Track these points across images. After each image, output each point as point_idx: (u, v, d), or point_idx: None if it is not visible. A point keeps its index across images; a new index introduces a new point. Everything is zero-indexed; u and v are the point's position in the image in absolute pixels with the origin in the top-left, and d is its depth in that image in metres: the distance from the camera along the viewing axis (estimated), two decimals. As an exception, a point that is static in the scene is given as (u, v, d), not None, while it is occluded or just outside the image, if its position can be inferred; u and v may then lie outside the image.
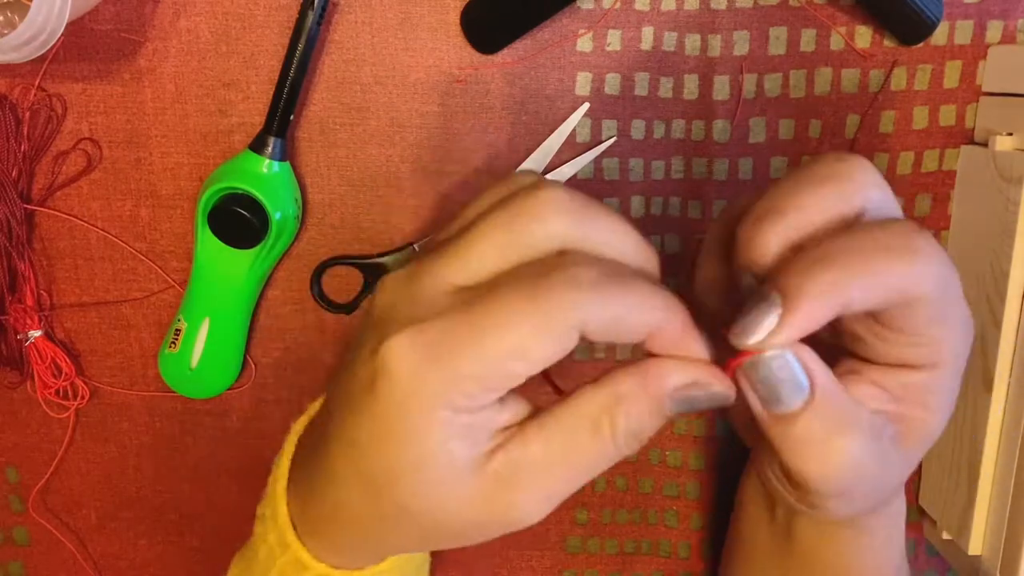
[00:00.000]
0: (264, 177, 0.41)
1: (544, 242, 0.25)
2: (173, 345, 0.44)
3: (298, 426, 0.34)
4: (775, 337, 0.24)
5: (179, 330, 0.44)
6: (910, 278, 0.24)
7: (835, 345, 0.29)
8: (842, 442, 0.26)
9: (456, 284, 0.25)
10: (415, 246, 0.44)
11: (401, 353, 0.24)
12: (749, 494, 0.39)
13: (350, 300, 0.45)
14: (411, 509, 0.26)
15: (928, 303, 0.25)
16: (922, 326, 0.26)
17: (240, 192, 0.40)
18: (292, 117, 0.41)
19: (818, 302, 0.24)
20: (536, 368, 0.24)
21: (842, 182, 0.26)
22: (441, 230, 0.28)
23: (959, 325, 0.27)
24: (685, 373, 0.25)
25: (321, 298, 0.45)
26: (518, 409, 0.26)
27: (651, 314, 0.24)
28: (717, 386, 0.25)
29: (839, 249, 0.24)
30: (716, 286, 0.30)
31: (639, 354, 0.27)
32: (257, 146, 0.41)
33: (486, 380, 0.24)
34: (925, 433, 0.28)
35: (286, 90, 0.40)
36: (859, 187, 0.26)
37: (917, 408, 0.28)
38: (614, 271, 0.24)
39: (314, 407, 0.34)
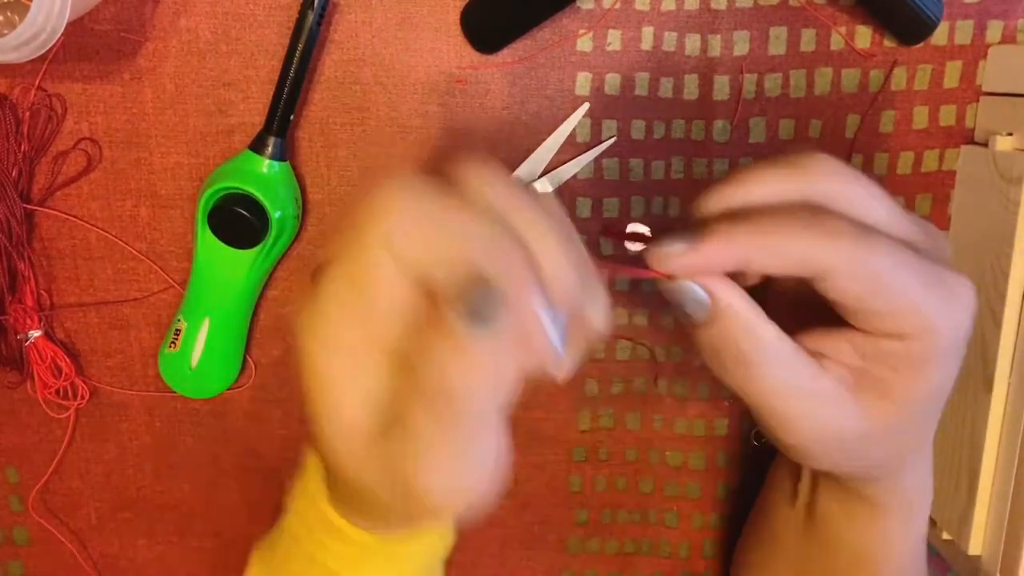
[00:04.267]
0: (264, 177, 0.41)
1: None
2: (173, 345, 0.44)
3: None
4: (673, 263, 0.28)
5: (179, 330, 0.44)
6: (812, 251, 0.27)
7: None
8: (750, 351, 0.29)
9: None
10: None
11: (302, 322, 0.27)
12: (776, 480, 0.41)
13: None
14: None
15: (847, 276, 0.27)
16: (851, 298, 0.28)
17: (240, 192, 0.40)
18: (292, 117, 0.41)
19: (716, 248, 0.28)
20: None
21: (792, 168, 0.29)
22: None
23: (923, 297, 0.28)
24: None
25: None
26: None
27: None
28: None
29: (756, 217, 0.28)
30: None
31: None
32: (257, 146, 0.41)
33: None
34: (889, 392, 0.29)
35: (286, 90, 0.40)
36: (810, 175, 0.29)
37: (884, 368, 0.29)
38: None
39: None
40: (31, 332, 0.44)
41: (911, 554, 0.36)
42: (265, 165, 0.41)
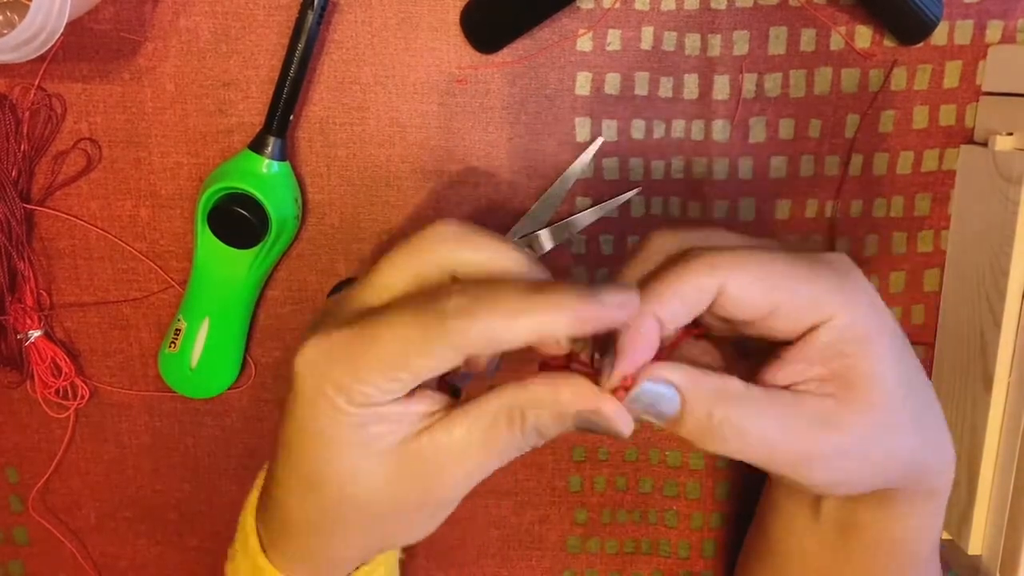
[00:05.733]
0: (264, 177, 0.41)
1: (434, 267, 0.29)
2: (173, 345, 0.44)
3: (259, 480, 0.36)
4: (616, 374, 0.28)
5: (179, 330, 0.44)
6: (699, 277, 0.28)
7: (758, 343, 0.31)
8: (727, 412, 0.29)
9: (365, 305, 0.29)
10: None
11: (307, 357, 0.28)
12: (781, 501, 0.40)
13: None
14: (343, 500, 0.29)
15: (733, 293, 0.28)
16: (752, 307, 0.29)
17: (240, 192, 0.40)
18: (292, 117, 0.41)
19: (634, 334, 0.28)
20: (420, 378, 0.28)
21: (641, 245, 0.31)
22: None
23: (816, 283, 0.29)
24: (588, 402, 0.28)
25: None
26: (435, 400, 0.29)
27: (522, 327, 0.26)
28: (615, 422, 0.28)
29: (656, 272, 0.29)
30: None
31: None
32: (257, 146, 0.41)
33: (376, 383, 0.27)
34: (859, 378, 0.29)
35: (286, 90, 0.40)
36: (651, 248, 0.31)
37: (839, 359, 0.29)
38: (489, 294, 0.27)
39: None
40: (31, 332, 0.44)
41: (934, 543, 0.36)
42: (265, 165, 0.41)
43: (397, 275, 0.30)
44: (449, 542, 0.49)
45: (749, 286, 0.28)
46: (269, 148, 0.41)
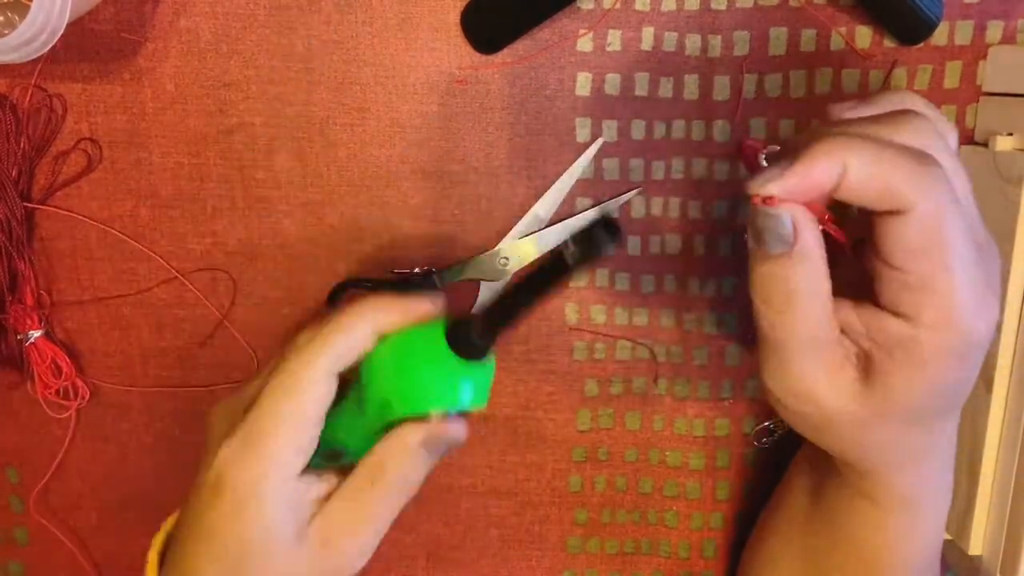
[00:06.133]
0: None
1: (357, 347, 0.33)
2: None
3: (156, 541, 0.38)
4: (771, 186, 0.27)
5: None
6: (906, 182, 0.26)
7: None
8: (807, 291, 0.28)
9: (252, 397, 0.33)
10: (434, 272, 0.44)
11: (225, 456, 0.32)
12: (792, 475, 0.41)
13: None
14: (262, 571, 0.32)
15: (917, 222, 0.26)
16: (909, 253, 0.27)
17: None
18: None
19: (815, 161, 0.27)
20: (320, 414, 0.32)
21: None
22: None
23: (954, 291, 0.27)
24: (422, 431, 0.32)
25: None
26: (323, 484, 0.33)
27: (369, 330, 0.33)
28: (450, 434, 0.32)
29: (856, 128, 0.28)
30: None
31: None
32: (460, 351, 0.32)
33: (291, 447, 0.32)
34: (885, 378, 0.29)
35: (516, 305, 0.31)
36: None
37: (883, 353, 0.29)
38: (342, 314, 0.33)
39: (170, 522, 0.38)
40: (31, 332, 0.44)
41: (919, 558, 0.36)
42: (466, 368, 0.32)
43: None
44: (449, 542, 0.49)
45: (921, 234, 0.27)
46: (474, 350, 0.31)
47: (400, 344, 0.33)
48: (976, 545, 0.42)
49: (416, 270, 0.44)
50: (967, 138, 0.43)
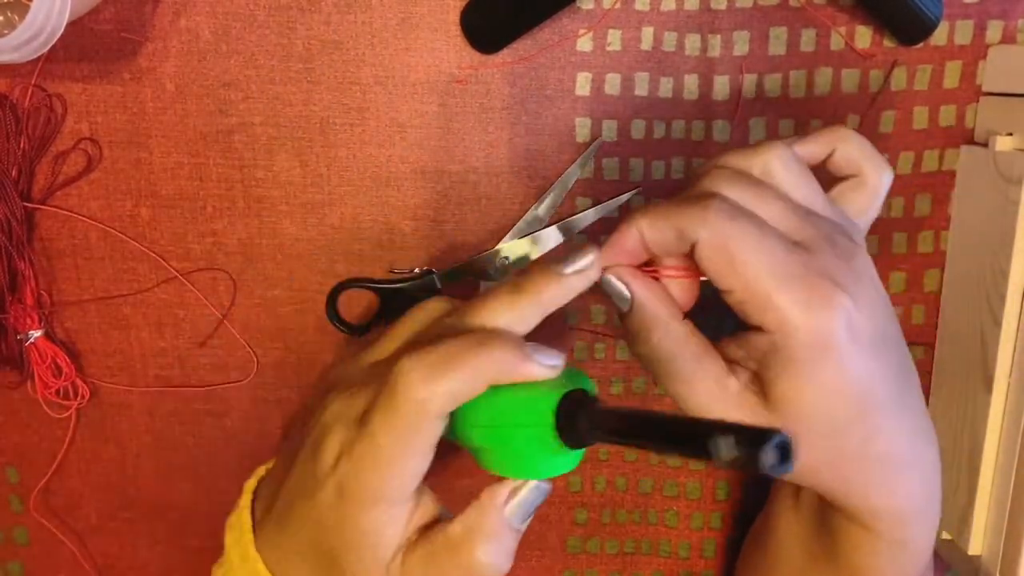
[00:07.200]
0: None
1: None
2: None
3: (248, 487, 0.39)
4: (595, 259, 0.32)
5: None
6: (685, 223, 0.31)
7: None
8: (662, 326, 0.33)
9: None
10: (434, 272, 0.44)
11: (347, 471, 0.31)
12: (779, 487, 0.41)
13: (366, 322, 0.45)
14: None
15: (708, 249, 0.30)
16: (719, 276, 0.30)
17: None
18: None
19: (618, 231, 0.33)
20: (435, 440, 0.31)
21: (752, 149, 0.34)
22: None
23: (783, 296, 0.30)
24: (515, 502, 0.32)
25: (337, 320, 0.44)
26: (427, 511, 0.33)
27: (484, 375, 0.31)
28: (539, 501, 0.33)
29: (650, 205, 0.33)
30: None
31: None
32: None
33: (409, 474, 0.31)
34: (772, 393, 0.31)
35: None
36: (759, 154, 0.33)
37: (762, 367, 0.31)
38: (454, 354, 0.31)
39: (262, 470, 0.39)
40: (31, 332, 0.44)
41: (914, 573, 0.35)
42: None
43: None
44: (449, 542, 0.49)
45: (716, 259, 0.30)
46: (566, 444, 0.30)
47: (507, 403, 0.31)
48: (976, 545, 0.42)
49: (416, 270, 0.44)
50: (967, 138, 0.43)
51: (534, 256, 0.44)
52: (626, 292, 0.33)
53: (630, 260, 0.33)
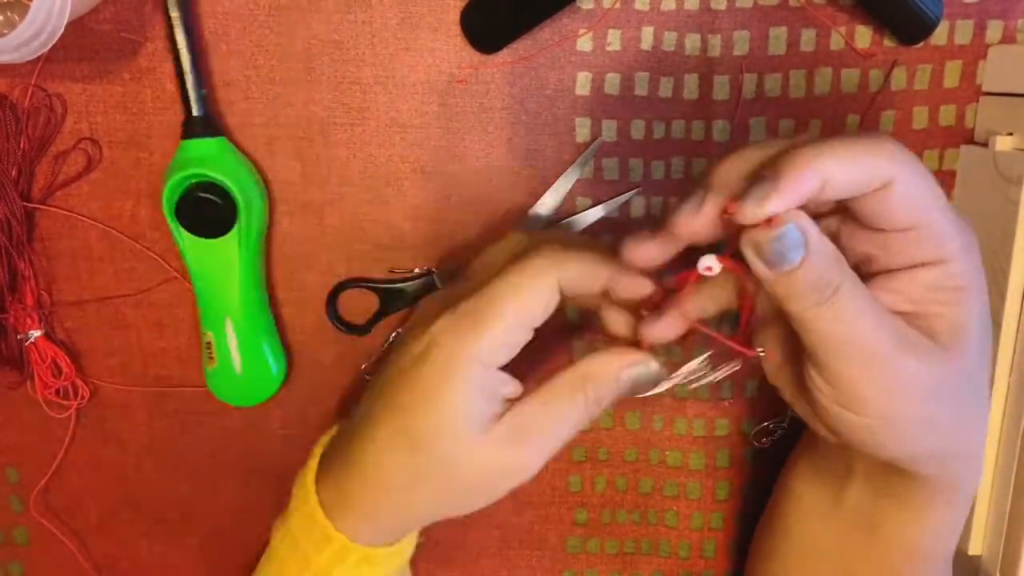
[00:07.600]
0: (209, 158, 0.41)
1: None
2: (210, 360, 0.43)
3: (325, 437, 0.38)
4: (770, 205, 0.28)
5: (208, 343, 0.43)
6: (879, 161, 0.28)
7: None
8: (841, 279, 0.29)
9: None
10: (434, 272, 0.44)
11: (443, 326, 0.33)
12: (796, 484, 0.41)
13: (365, 322, 0.45)
14: (444, 460, 0.33)
15: (901, 188, 0.28)
16: (906, 212, 0.29)
17: (196, 180, 0.40)
18: (204, 90, 0.41)
19: (801, 173, 0.28)
20: (536, 320, 0.33)
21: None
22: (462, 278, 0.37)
23: (952, 224, 0.30)
24: (631, 362, 0.34)
25: (337, 320, 0.44)
26: (515, 386, 0.34)
27: (601, 269, 0.33)
28: (654, 364, 0.34)
29: (820, 140, 0.29)
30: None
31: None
32: (188, 133, 0.41)
33: (504, 335, 0.32)
34: (947, 329, 0.30)
35: (184, 63, 0.40)
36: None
37: (934, 305, 0.30)
38: (572, 245, 0.34)
39: (328, 436, 0.38)
40: (31, 332, 0.44)
41: (951, 550, 0.36)
42: (203, 146, 0.41)
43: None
44: (449, 542, 0.49)
45: (915, 195, 0.29)
46: (198, 128, 0.41)
47: None
48: (976, 545, 0.42)
49: (416, 270, 0.44)
50: (967, 138, 0.43)
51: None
52: (800, 236, 0.28)
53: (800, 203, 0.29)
